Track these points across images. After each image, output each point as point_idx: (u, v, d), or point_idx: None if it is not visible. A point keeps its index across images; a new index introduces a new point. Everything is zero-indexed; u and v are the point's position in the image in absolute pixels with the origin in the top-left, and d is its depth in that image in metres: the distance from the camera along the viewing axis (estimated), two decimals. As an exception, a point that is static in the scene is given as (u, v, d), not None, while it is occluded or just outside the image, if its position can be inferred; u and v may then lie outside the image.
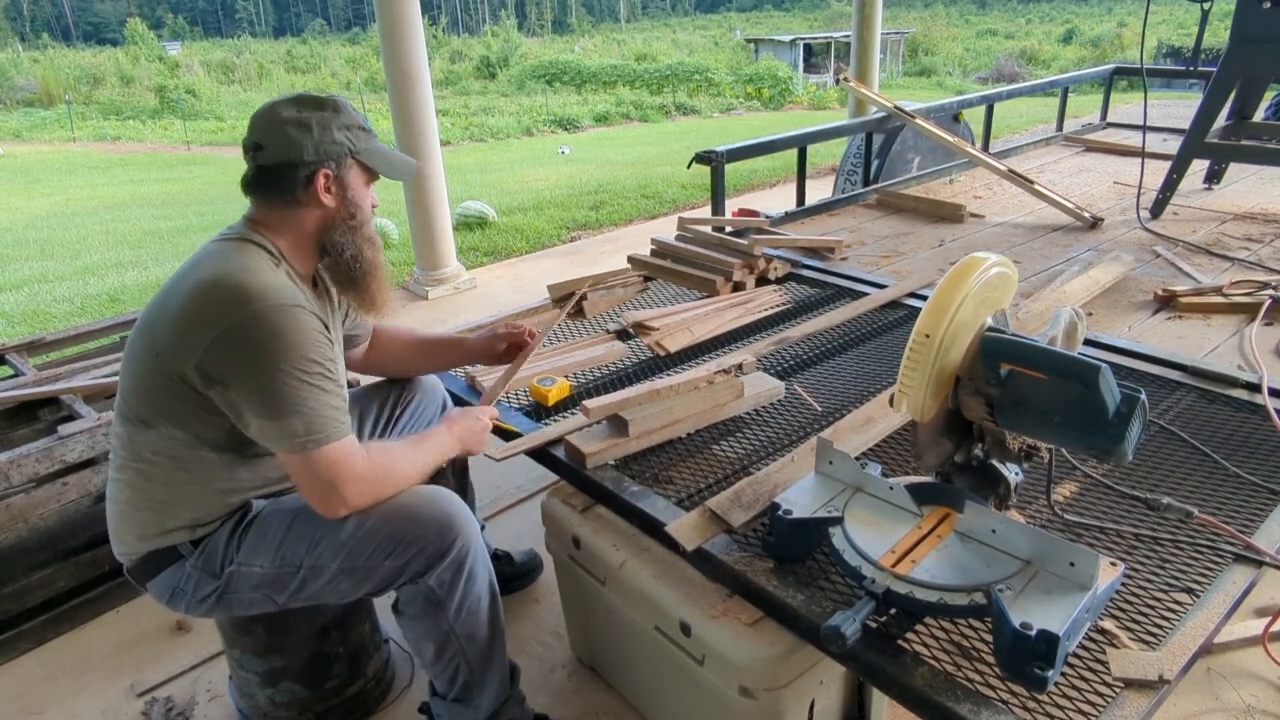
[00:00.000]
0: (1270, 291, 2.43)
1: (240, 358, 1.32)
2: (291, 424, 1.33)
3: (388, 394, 1.92)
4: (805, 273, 2.89)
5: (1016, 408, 1.23)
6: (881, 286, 2.69)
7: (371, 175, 1.52)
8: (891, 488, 1.37)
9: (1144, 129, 3.77)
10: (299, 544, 1.47)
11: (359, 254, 1.50)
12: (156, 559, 1.49)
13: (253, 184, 1.46)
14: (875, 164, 4.72)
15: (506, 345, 1.94)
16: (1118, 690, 1.13)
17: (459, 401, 2.05)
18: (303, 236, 1.48)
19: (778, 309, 2.58)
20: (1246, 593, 1.32)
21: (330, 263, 1.51)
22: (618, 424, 1.76)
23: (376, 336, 1.89)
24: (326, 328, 1.44)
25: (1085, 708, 1.11)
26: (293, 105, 1.44)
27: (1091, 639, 1.22)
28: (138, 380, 1.42)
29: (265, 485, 1.54)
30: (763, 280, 2.78)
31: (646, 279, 2.83)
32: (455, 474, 2.02)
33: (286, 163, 1.42)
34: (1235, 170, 4.05)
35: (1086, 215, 3.36)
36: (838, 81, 22.40)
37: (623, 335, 2.39)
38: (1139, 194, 3.39)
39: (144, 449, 1.44)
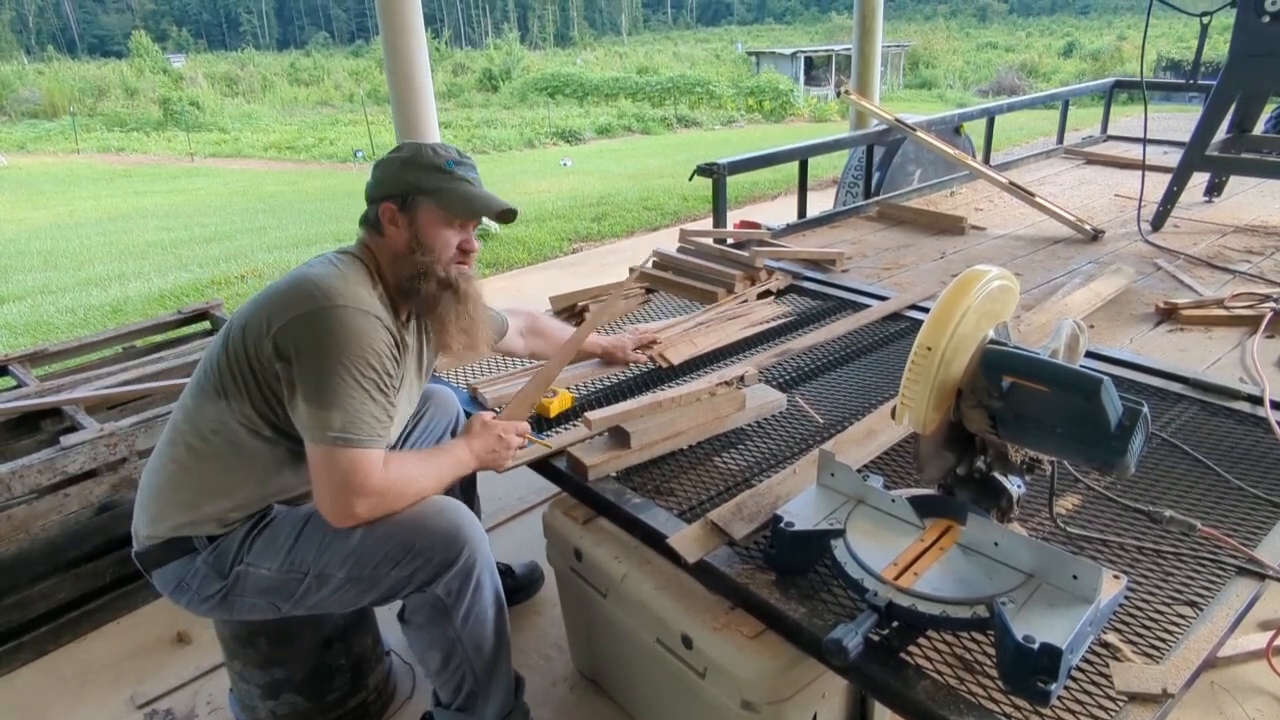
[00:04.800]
0: (1272, 304, 2.43)
1: (308, 340, 1.39)
2: (331, 416, 1.38)
3: None
4: (807, 285, 2.89)
5: (1018, 420, 1.23)
6: (883, 299, 2.70)
7: (449, 215, 1.55)
8: (893, 500, 1.37)
9: (1144, 142, 3.78)
10: (308, 550, 1.48)
11: (416, 286, 1.55)
12: (171, 548, 1.51)
13: (362, 215, 1.61)
14: (876, 176, 4.73)
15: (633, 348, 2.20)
16: (1121, 704, 1.13)
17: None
18: (387, 263, 1.57)
19: (779, 321, 2.58)
20: (1250, 606, 1.31)
21: (403, 290, 1.57)
22: (619, 436, 1.76)
23: (532, 329, 2.08)
24: (400, 350, 1.51)
25: (1089, 722, 1.11)
26: (389, 153, 1.61)
27: (1095, 652, 1.22)
28: (224, 352, 1.48)
29: (301, 488, 1.55)
30: (764, 292, 2.79)
31: (648, 290, 2.84)
32: (463, 487, 2.02)
33: (370, 196, 1.58)
34: (1235, 183, 4.06)
35: (1087, 228, 3.37)
36: (839, 94, 22.49)
37: (625, 347, 2.39)
38: (1140, 206, 3.40)
39: (206, 424, 1.48)
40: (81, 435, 2.24)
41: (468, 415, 2.03)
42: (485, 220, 1.64)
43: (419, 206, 1.54)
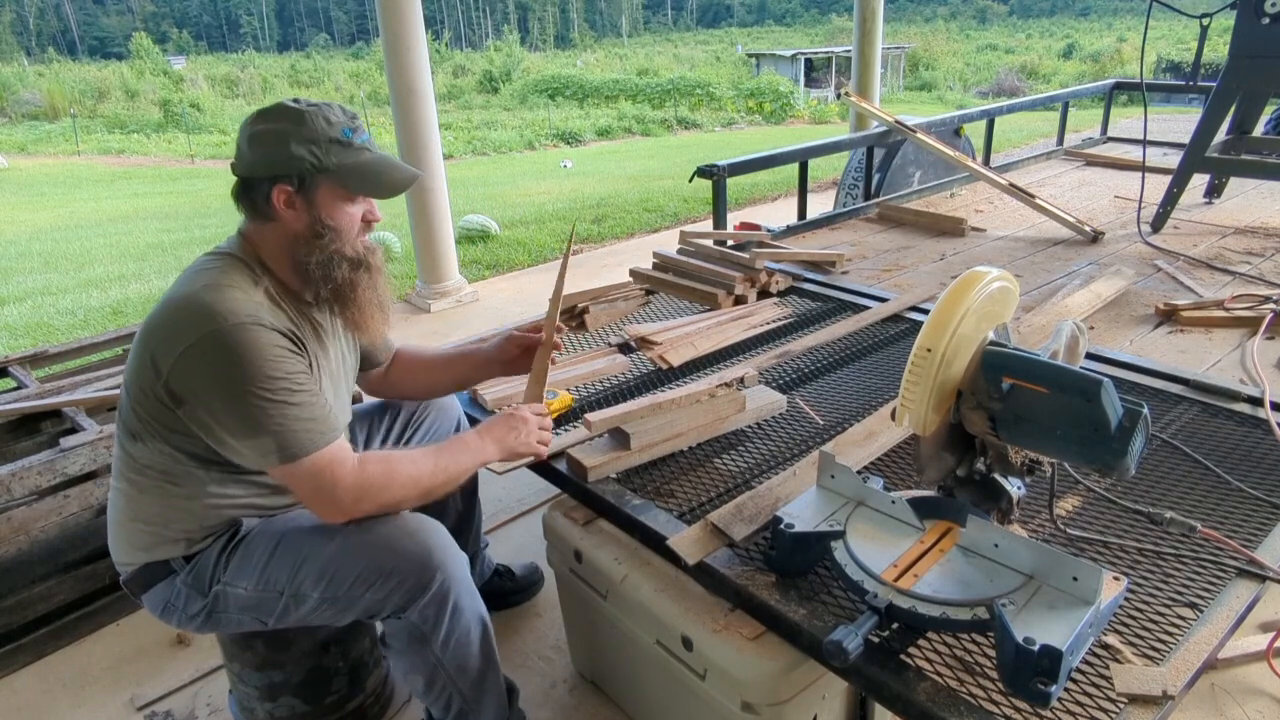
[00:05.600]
0: (1272, 305, 2.43)
1: (204, 379, 1.31)
2: (263, 442, 1.33)
3: (398, 412, 1.90)
4: (807, 286, 2.89)
5: (1019, 422, 1.23)
6: (883, 300, 2.70)
7: (354, 193, 1.43)
8: (894, 501, 1.37)
9: (1144, 143, 3.78)
10: (281, 570, 1.45)
11: (328, 273, 1.43)
12: (151, 572, 1.49)
13: (235, 196, 1.45)
14: (876, 178, 4.74)
15: (520, 350, 1.81)
16: (1121, 706, 1.13)
17: (473, 420, 2.03)
18: (278, 251, 1.44)
19: (779, 322, 2.58)
20: (1250, 608, 1.31)
21: (308, 279, 1.45)
22: (620, 437, 1.76)
23: (396, 359, 1.84)
24: (297, 341, 1.40)
25: (1089, 724, 1.11)
26: (258, 118, 1.40)
27: (1095, 654, 1.21)
28: (128, 392, 1.42)
29: (258, 499, 1.52)
30: (764, 294, 2.79)
31: (648, 292, 2.84)
32: (463, 494, 2.00)
33: (250, 177, 1.40)
34: (1235, 184, 4.06)
35: (1088, 229, 3.37)
36: (839, 96, 22.50)
37: (625, 349, 2.39)
38: (1140, 208, 3.40)
39: (137, 461, 1.44)
40: (81, 437, 2.24)
41: (468, 419, 2.03)
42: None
43: (318, 186, 1.39)
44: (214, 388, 1.31)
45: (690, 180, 3.58)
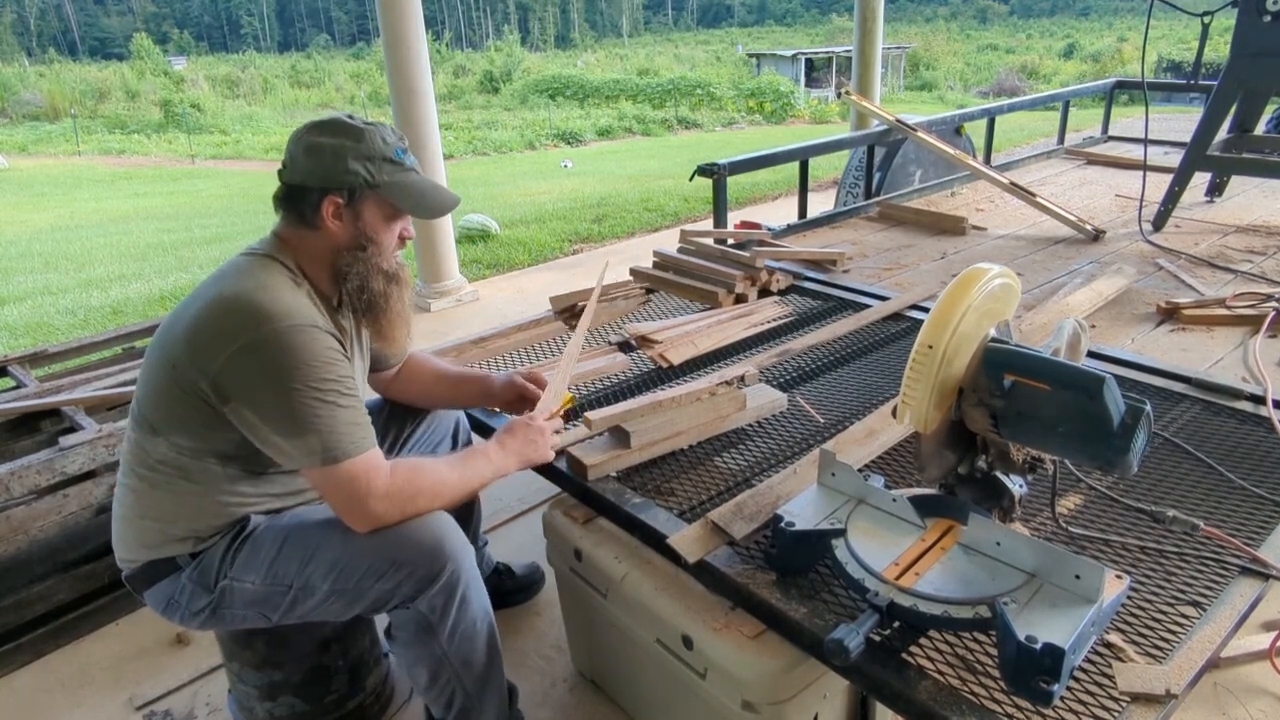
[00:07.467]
0: (1273, 304, 2.43)
1: (256, 377, 1.33)
2: (309, 441, 1.34)
3: (398, 409, 1.91)
4: (807, 285, 2.89)
5: (1020, 419, 1.22)
6: (883, 299, 2.69)
7: (400, 211, 1.49)
8: (894, 499, 1.36)
9: (1145, 142, 3.78)
10: (290, 563, 1.46)
11: (365, 284, 1.48)
12: (155, 568, 1.49)
13: (278, 200, 1.49)
14: (877, 177, 4.73)
15: (518, 397, 1.85)
16: (1124, 705, 1.12)
17: (474, 421, 2.04)
18: (318, 258, 1.48)
19: (780, 321, 2.58)
20: (1253, 606, 1.31)
21: (344, 288, 1.50)
22: (620, 436, 1.75)
23: (406, 364, 1.87)
24: (343, 345, 1.44)
25: (1091, 722, 1.10)
26: (315, 130, 1.45)
27: (1097, 653, 1.21)
28: (152, 388, 1.42)
29: (267, 500, 1.53)
30: (765, 292, 2.78)
31: (649, 291, 2.83)
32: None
33: (300, 185, 1.44)
34: (1237, 183, 4.05)
35: (1089, 228, 3.37)
36: (839, 95, 22.52)
37: (625, 347, 2.39)
38: (1141, 207, 3.39)
39: (151, 456, 1.44)
40: (81, 436, 2.24)
41: (468, 417, 2.03)
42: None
43: (366, 201, 1.45)
44: (268, 386, 1.33)
45: (691, 179, 3.58)
